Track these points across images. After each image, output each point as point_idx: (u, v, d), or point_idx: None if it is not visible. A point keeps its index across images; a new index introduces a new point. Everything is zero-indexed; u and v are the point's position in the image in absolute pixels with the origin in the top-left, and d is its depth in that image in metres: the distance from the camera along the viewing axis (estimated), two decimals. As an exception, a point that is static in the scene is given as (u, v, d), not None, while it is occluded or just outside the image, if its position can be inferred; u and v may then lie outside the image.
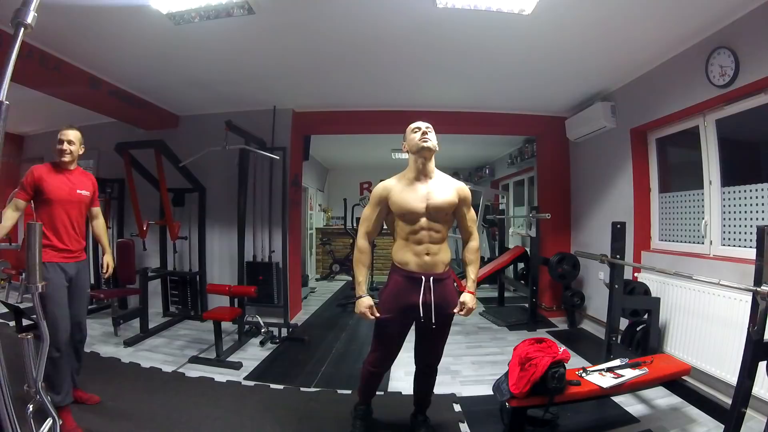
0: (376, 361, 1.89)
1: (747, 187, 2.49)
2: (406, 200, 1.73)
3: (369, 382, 1.98)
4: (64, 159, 2.17)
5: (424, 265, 1.73)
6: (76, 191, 2.18)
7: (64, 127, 2.22)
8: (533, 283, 4.09)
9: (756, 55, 2.25)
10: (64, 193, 2.13)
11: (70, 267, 2.12)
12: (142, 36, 2.67)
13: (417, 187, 1.76)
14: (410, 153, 1.79)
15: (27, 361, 1.13)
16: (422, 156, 1.74)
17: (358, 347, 3.43)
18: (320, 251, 7.69)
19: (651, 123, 3.25)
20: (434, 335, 1.83)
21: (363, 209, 1.85)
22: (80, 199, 2.20)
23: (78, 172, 2.26)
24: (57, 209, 2.10)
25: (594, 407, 2.28)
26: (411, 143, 1.77)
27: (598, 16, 2.42)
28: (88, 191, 2.26)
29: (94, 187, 2.34)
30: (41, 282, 1.15)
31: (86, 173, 2.33)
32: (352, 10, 2.41)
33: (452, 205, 1.77)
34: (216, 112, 4.24)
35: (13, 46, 0.86)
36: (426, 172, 1.77)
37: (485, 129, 4.75)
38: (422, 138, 1.73)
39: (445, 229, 1.78)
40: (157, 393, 2.41)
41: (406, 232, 1.75)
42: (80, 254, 2.21)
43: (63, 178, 2.16)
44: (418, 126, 1.77)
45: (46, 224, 2.07)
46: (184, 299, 4.24)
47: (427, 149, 1.73)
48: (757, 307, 1.56)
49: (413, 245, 1.74)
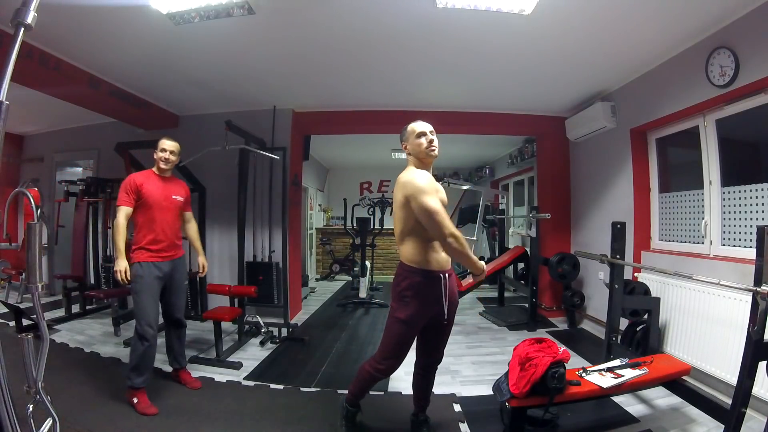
0: (388, 368, 1.83)
1: (747, 187, 2.49)
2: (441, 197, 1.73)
3: (368, 385, 1.97)
4: (163, 167, 2.41)
5: (442, 262, 1.74)
6: (171, 197, 2.42)
7: (165, 137, 2.45)
8: (533, 283, 4.09)
9: (756, 55, 2.25)
10: (161, 198, 2.36)
11: (165, 265, 2.35)
12: (142, 36, 2.67)
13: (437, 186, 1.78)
14: (413, 156, 1.79)
15: (27, 361, 1.13)
16: (428, 160, 1.79)
17: (358, 347, 3.43)
18: (320, 251, 7.69)
19: (651, 123, 3.25)
20: (444, 331, 1.87)
21: (423, 200, 1.65)
22: (175, 204, 2.45)
23: (174, 179, 2.54)
24: (155, 213, 2.33)
25: (594, 407, 2.28)
26: (418, 149, 1.77)
27: (598, 16, 2.42)
28: (181, 197, 2.50)
29: (187, 194, 2.57)
30: (41, 282, 1.16)
31: (180, 181, 2.61)
32: (352, 10, 2.41)
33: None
34: (216, 112, 4.24)
35: (13, 46, 0.86)
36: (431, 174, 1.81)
37: (485, 129, 4.75)
38: (430, 147, 1.76)
39: None
40: (156, 393, 2.40)
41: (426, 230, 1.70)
42: (176, 252, 2.43)
43: (161, 184, 2.40)
44: (424, 131, 1.77)
45: (144, 226, 2.31)
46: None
47: (434, 158, 1.78)
48: (757, 307, 1.57)
49: (434, 244, 1.72)
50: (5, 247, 4.72)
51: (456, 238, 1.63)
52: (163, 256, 2.34)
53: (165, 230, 2.35)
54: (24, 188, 4.35)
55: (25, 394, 1.13)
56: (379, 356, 1.85)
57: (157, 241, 2.32)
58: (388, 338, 1.81)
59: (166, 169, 2.42)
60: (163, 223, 2.35)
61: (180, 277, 2.48)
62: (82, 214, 4.63)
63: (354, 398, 2.04)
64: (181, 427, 2.05)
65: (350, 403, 2.04)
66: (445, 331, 1.88)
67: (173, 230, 2.42)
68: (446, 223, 1.63)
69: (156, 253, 2.31)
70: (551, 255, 4.10)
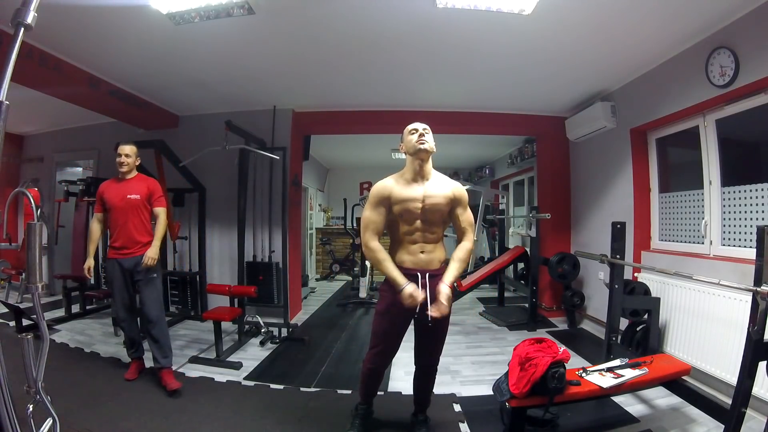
0: (375, 357, 1.90)
1: (747, 187, 2.49)
2: (405, 199, 1.75)
3: (368, 380, 1.99)
4: (120, 170, 2.58)
5: (419, 262, 1.77)
6: (126, 197, 2.54)
7: (121, 143, 2.61)
8: (533, 283, 4.09)
9: (756, 55, 2.25)
10: (117, 199, 2.53)
11: (127, 261, 2.51)
12: (142, 36, 2.67)
13: (414, 187, 1.77)
14: (407, 154, 1.80)
15: (27, 361, 1.12)
16: (419, 157, 1.76)
17: (358, 347, 3.43)
18: (320, 251, 7.69)
19: (651, 123, 3.25)
20: (432, 333, 1.83)
21: (363, 210, 1.83)
22: (132, 203, 2.55)
23: (136, 179, 2.64)
24: (114, 214, 2.53)
25: (594, 407, 2.28)
26: (408, 145, 1.79)
27: (598, 16, 2.42)
28: (139, 194, 2.58)
29: (150, 190, 2.63)
30: (41, 282, 1.16)
31: (143, 180, 2.67)
32: (352, 10, 2.41)
33: (448, 206, 1.79)
34: (216, 112, 4.24)
35: (13, 46, 0.86)
36: (423, 174, 1.79)
37: (485, 129, 4.75)
38: (419, 140, 1.75)
39: (440, 230, 1.82)
40: (157, 393, 2.41)
41: (402, 232, 1.79)
42: (138, 250, 2.54)
43: (118, 186, 2.58)
44: (415, 128, 1.79)
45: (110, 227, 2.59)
46: (184, 299, 4.23)
47: (424, 151, 1.75)
48: (757, 307, 1.57)
49: (408, 245, 1.78)
50: (5, 247, 4.72)
51: (368, 250, 1.77)
52: (124, 253, 2.52)
53: (123, 229, 2.53)
54: (24, 188, 4.35)
55: (25, 394, 1.13)
56: (369, 348, 1.94)
57: (117, 240, 2.53)
58: (372, 329, 1.93)
59: (124, 172, 2.58)
60: (120, 222, 2.53)
61: (144, 273, 2.54)
62: (82, 214, 4.62)
63: (362, 397, 2.07)
64: (181, 427, 2.05)
65: (361, 402, 2.08)
66: (434, 332, 1.82)
67: (132, 229, 2.54)
68: (365, 235, 1.78)
69: (118, 250, 2.52)
70: (551, 255, 4.10)
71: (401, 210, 1.76)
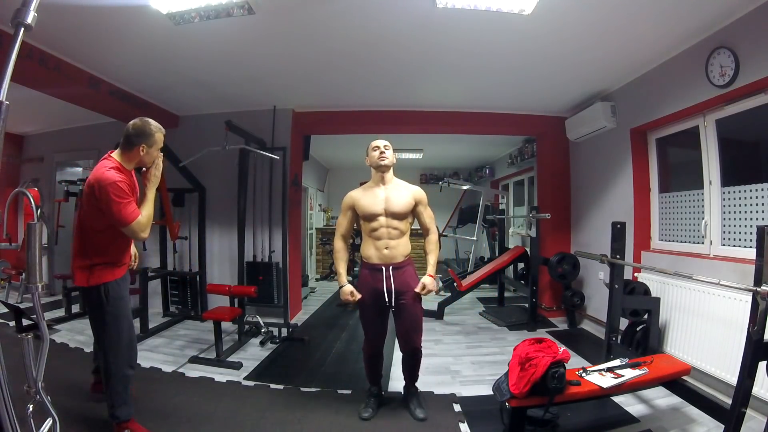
0: (367, 342, 2.22)
1: (747, 187, 2.49)
2: (367, 204, 2.12)
3: (369, 364, 2.27)
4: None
5: (384, 257, 2.09)
6: None
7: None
8: (533, 283, 4.09)
9: (756, 55, 2.25)
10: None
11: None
12: (142, 36, 2.67)
13: (376, 192, 2.14)
14: (371, 167, 2.17)
15: (27, 361, 1.13)
16: (380, 171, 2.14)
17: (358, 347, 3.40)
18: (320, 251, 7.69)
19: (651, 123, 3.25)
20: (402, 316, 2.12)
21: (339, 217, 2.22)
22: None
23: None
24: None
25: (594, 407, 2.28)
26: (372, 160, 2.16)
27: (598, 16, 2.42)
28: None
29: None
30: (41, 282, 1.16)
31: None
32: (352, 10, 2.41)
33: (408, 205, 2.13)
34: (216, 112, 4.24)
35: (13, 46, 0.86)
36: (384, 181, 2.16)
37: (485, 129, 4.74)
38: (380, 156, 2.13)
39: (402, 226, 2.13)
40: (157, 393, 2.40)
41: (368, 230, 2.13)
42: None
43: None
44: (377, 145, 2.16)
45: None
46: (184, 299, 4.24)
47: (384, 166, 2.13)
48: (757, 307, 1.56)
49: (374, 241, 2.11)
50: (5, 247, 4.71)
51: (333, 248, 2.24)
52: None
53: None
54: (24, 188, 4.34)
55: (25, 394, 1.13)
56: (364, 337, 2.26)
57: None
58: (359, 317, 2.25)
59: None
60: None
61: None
62: (82, 214, 4.62)
63: (369, 379, 2.33)
64: (181, 427, 2.05)
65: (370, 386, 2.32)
66: (406, 319, 2.12)
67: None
68: (335, 236, 2.23)
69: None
70: (551, 255, 4.10)
71: (364, 212, 2.12)
